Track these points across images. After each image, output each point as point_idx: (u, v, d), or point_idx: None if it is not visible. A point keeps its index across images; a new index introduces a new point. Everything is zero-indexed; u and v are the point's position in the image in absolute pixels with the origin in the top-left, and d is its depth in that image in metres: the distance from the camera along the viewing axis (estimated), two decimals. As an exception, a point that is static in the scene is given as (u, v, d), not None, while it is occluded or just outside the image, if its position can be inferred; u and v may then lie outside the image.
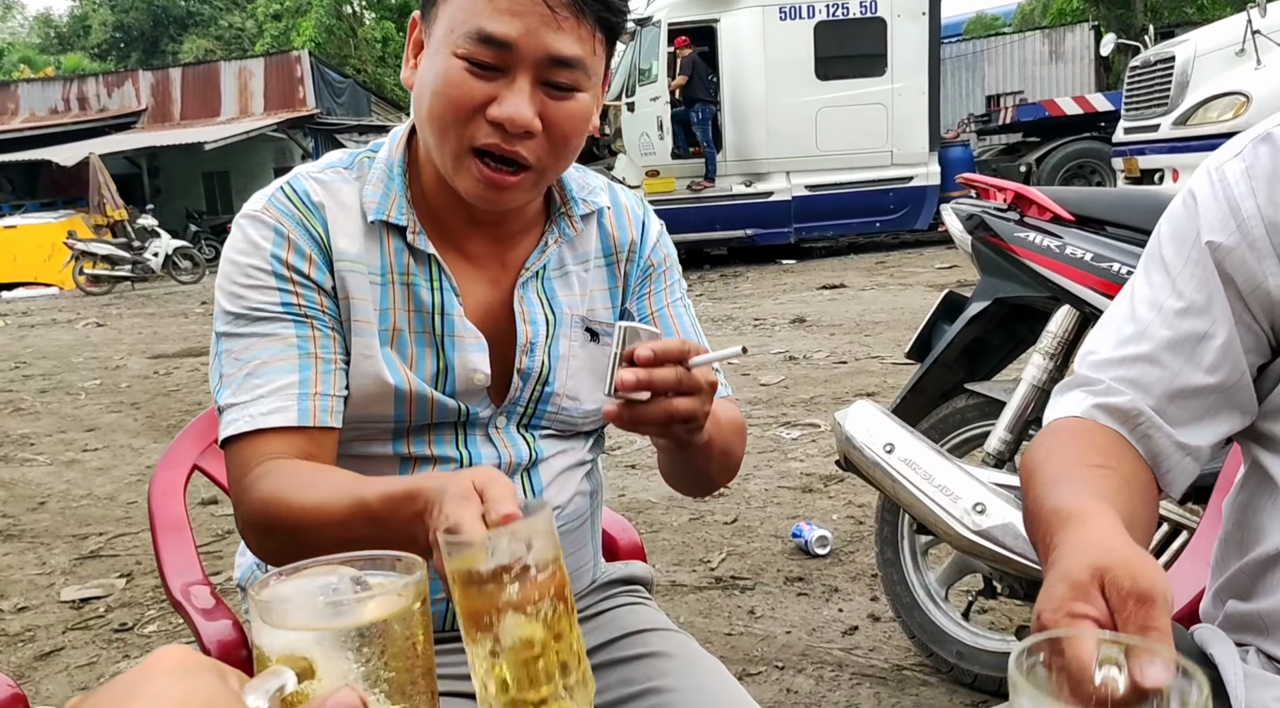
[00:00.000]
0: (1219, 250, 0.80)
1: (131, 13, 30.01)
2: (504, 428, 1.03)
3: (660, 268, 1.13)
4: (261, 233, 0.95)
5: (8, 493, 3.96)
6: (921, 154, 11.03)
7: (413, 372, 0.98)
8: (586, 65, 0.91)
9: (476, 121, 0.89)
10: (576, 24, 0.89)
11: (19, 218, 17.26)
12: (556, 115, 0.91)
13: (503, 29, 0.87)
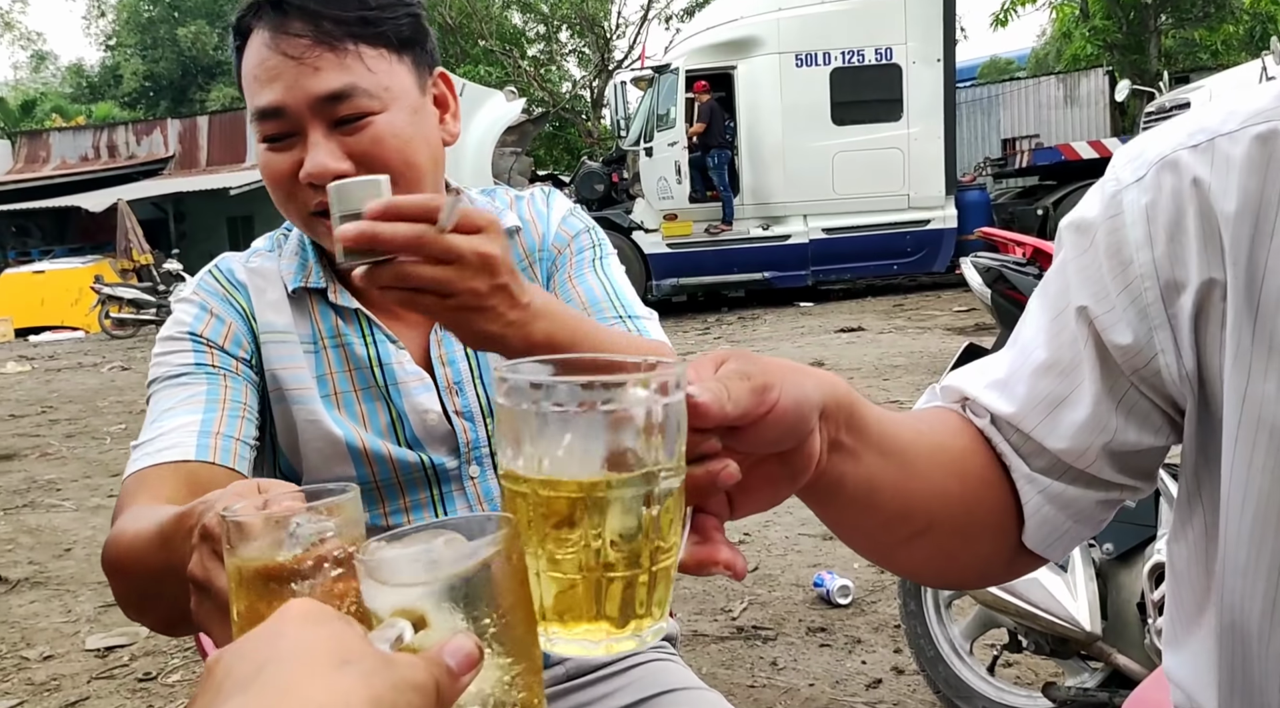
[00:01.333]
0: (1095, 319, 0.63)
1: (161, 62, 30.72)
2: (479, 478, 1.03)
3: (566, 246, 1.09)
4: (187, 310, 1.00)
5: (34, 540, 4.00)
6: (938, 197, 11.09)
7: (367, 430, 0.99)
8: (364, 87, 0.89)
9: (300, 191, 0.92)
10: (332, 54, 0.89)
11: (48, 263, 17.56)
12: (360, 148, 0.90)
13: (268, 98, 0.89)
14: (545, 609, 0.49)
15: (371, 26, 0.90)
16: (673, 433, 0.47)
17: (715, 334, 9.49)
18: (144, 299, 14.86)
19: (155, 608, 0.81)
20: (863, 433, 0.60)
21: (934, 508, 0.66)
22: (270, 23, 0.90)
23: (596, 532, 0.46)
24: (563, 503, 0.46)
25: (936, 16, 10.80)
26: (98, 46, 34.25)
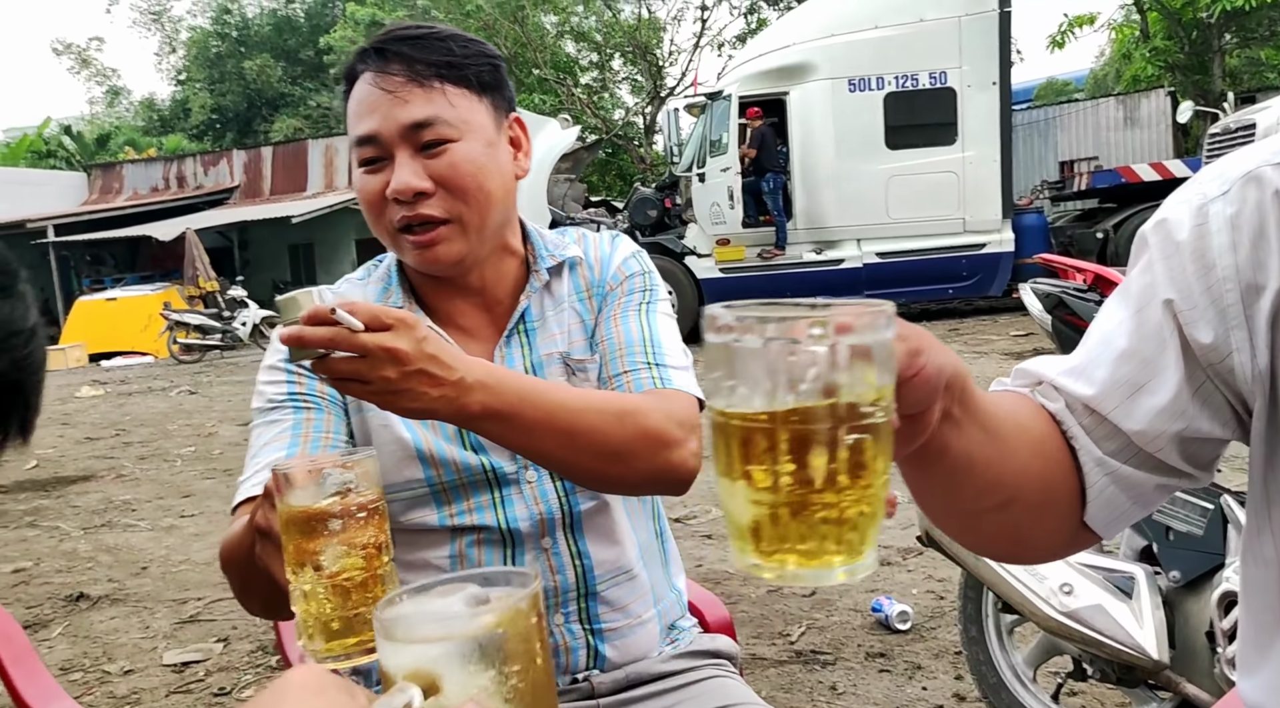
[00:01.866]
0: (1180, 314, 0.69)
1: (228, 95, 31.70)
2: (536, 482, 1.10)
3: (619, 285, 1.18)
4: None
5: (113, 558, 4.15)
6: (994, 221, 11.00)
7: (434, 435, 1.08)
8: (445, 118, 1.03)
9: (387, 207, 1.05)
10: (421, 90, 1.03)
11: (119, 290, 18.16)
12: (438, 170, 1.04)
13: (366, 127, 1.04)
14: (745, 537, 0.51)
15: (456, 69, 1.04)
16: (875, 370, 0.49)
17: (769, 359, 9.49)
18: (210, 325, 15.29)
19: (256, 590, 0.93)
20: (970, 407, 0.65)
21: (1017, 483, 0.71)
22: (374, 65, 1.05)
23: (795, 462, 0.48)
24: (763, 433, 0.48)
25: (992, 40, 10.76)
26: (169, 81, 35.45)
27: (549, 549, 1.10)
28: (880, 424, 0.50)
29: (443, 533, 1.09)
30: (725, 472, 0.51)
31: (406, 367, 0.82)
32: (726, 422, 0.50)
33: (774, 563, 0.50)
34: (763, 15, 21.81)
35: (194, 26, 34.05)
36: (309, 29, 32.27)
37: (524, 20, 25.28)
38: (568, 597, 1.11)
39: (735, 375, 0.49)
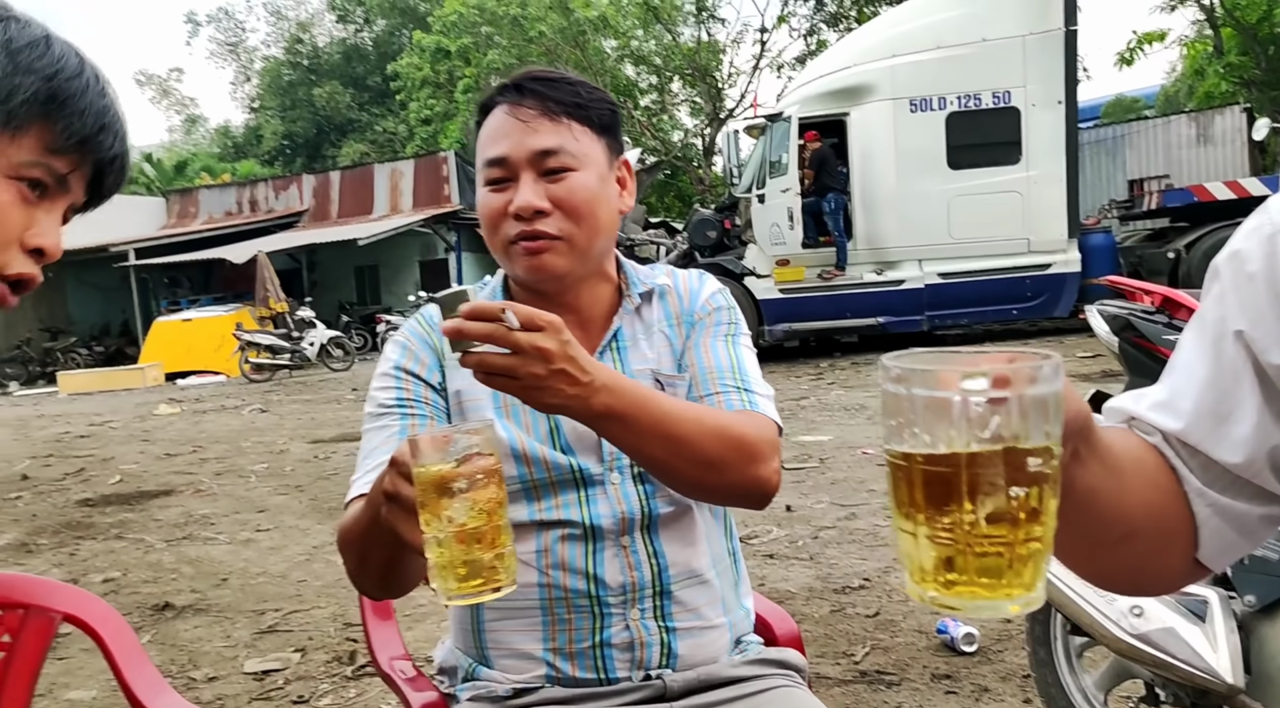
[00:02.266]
0: (1252, 343, 0.70)
1: (299, 122, 32.67)
2: (620, 484, 1.18)
3: (707, 316, 1.28)
4: (394, 348, 1.25)
5: (195, 570, 4.31)
6: (1060, 241, 10.84)
7: (529, 436, 1.18)
8: (568, 150, 1.15)
9: (506, 222, 1.16)
10: (551, 123, 1.15)
11: (194, 311, 18.78)
12: (558, 193, 1.15)
13: (496, 150, 1.16)
14: (926, 572, 0.55)
15: (582, 109, 1.17)
16: (1048, 418, 0.53)
17: (829, 379, 9.46)
18: (279, 345, 15.72)
19: (371, 566, 1.05)
20: (1093, 443, 0.69)
21: (1138, 516, 0.74)
22: (510, 99, 1.17)
23: (973, 503, 0.53)
24: (944, 477, 0.53)
25: (1057, 59, 10.64)
26: (243, 109, 36.69)
27: (627, 547, 1.18)
28: (1053, 469, 0.54)
29: (530, 527, 1.17)
30: (905, 510, 0.56)
31: (551, 365, 0.91)
32: (908, 464, 0.55)
33: (952, 596, 0.55)
34: (822, 37, 21.82)
35: (268, 56, 35.22)
36: (376, 57, 33.14)
37: (584, 45, 25.64)
38: (644, 593, 1.17)
39: (916, 422, 0.54)
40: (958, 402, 0.52)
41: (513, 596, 1.15)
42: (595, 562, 1.17)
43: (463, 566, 0.82)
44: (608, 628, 1.17)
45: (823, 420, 7.02)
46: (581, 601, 1.17)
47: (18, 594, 1.24)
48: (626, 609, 1.17)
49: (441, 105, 28.42)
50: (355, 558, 1.07)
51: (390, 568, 1.04)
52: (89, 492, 6.36)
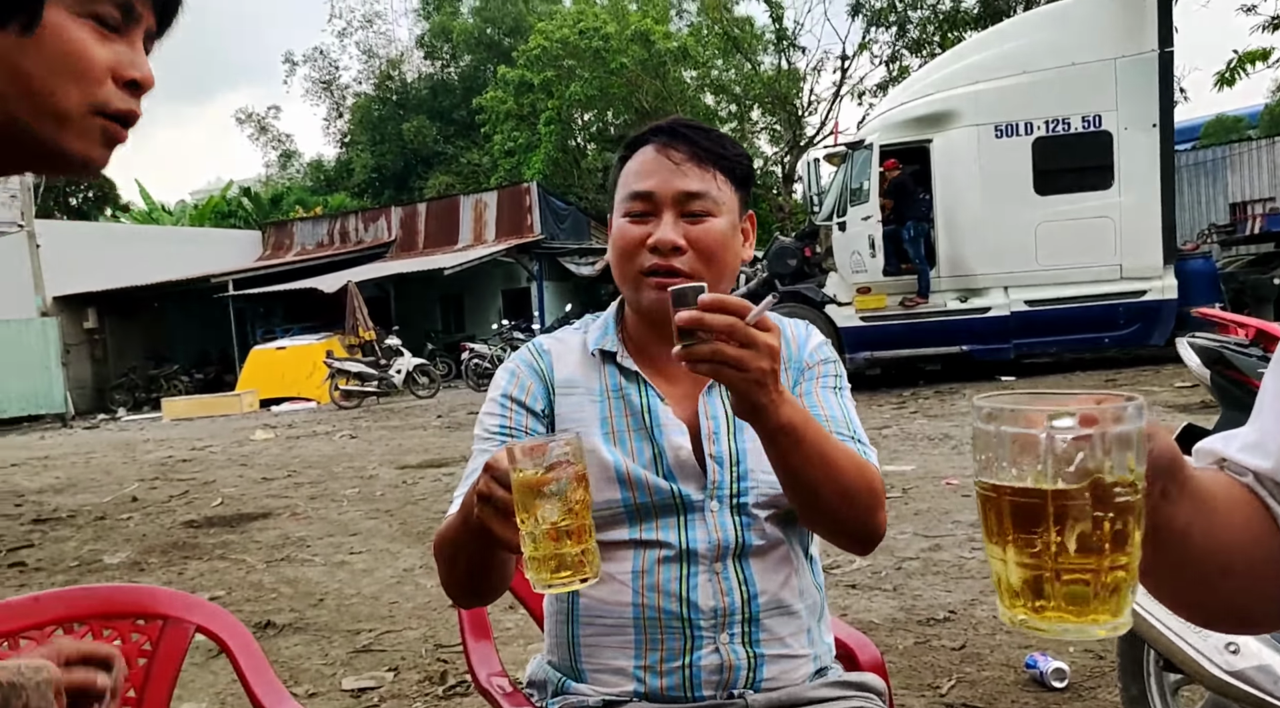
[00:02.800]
0: None
1: (387, 155, 33.70)
2: (718, 512, 1.24)
3: (816, 366, 1.35)
4: (503, 375, 1.34)
5: (293, 590, 4.48)
6: (1155, 267, 10.53)
7: (634, 461, 1.25)
8: (711, 196, 1.23)
9: (641, 253, 1.23)
10: (698, 168, 1.23)
11: (288, 340, 19.45)
12: (696, 234, 1.23)
13: (643, 185, 1.24)
14: (1015, 597, 0.60)
15: (726, 161, 1.26)
16: (1132, 454, 0.58)
17: (911, 408, 9.34)
18: (368, 372, 16.16)
19: (459, 572, 1.15)
20: (1183, 482, 0.72)
21: (1233, 554, 0.75)
22: (661, 140, 1.26)
23: (1061, 532, 0.58)
24: (1035, 508, 0.58)
25: (1151, 81, 10.39)
26: (335, 144, 38.00)
27: (720, 573, 1.23)
28: (1136, 501, 0.59)
29: (628, 546, 1.24)
30: (997, 539, 0.61)
31: (774, 364, 0.97)
32: (1000, 496, 0.60)
33: (1042, 620, 0.60)
34: (904, 63, 21.68)
35: (359, 93, 36.45)
36: (462, 91, 34.03)
37: (665, 76, 25.96)
38: (734, 618, 1.23)
39: (1007, 457, 0.59)
40: (1044, 438, 0.58)
41: (608, 613, 1.23)
42: (689, 586, 1.22)
43: (554, 559, 0.91)
44: (698, 650, 1.22)
45: (905, 450, 6.94)
46: (674, 622, 1.22)
47: (158, 606, 1.36)
48: (716, 633, 1.22)
49: (524, 137, 29.02)
50: (447, 562, 1.17)
51: (478, 573, 1.14)
52: (193, 514, 6.65)
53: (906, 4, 21.07)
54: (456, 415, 12.62)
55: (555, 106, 27.54)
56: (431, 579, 4.46)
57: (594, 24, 26.62)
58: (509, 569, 1.20)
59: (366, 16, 37.10)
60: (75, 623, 1.31)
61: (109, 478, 8.94)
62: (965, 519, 4.77)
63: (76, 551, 5.68)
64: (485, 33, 33.88)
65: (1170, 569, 0.78)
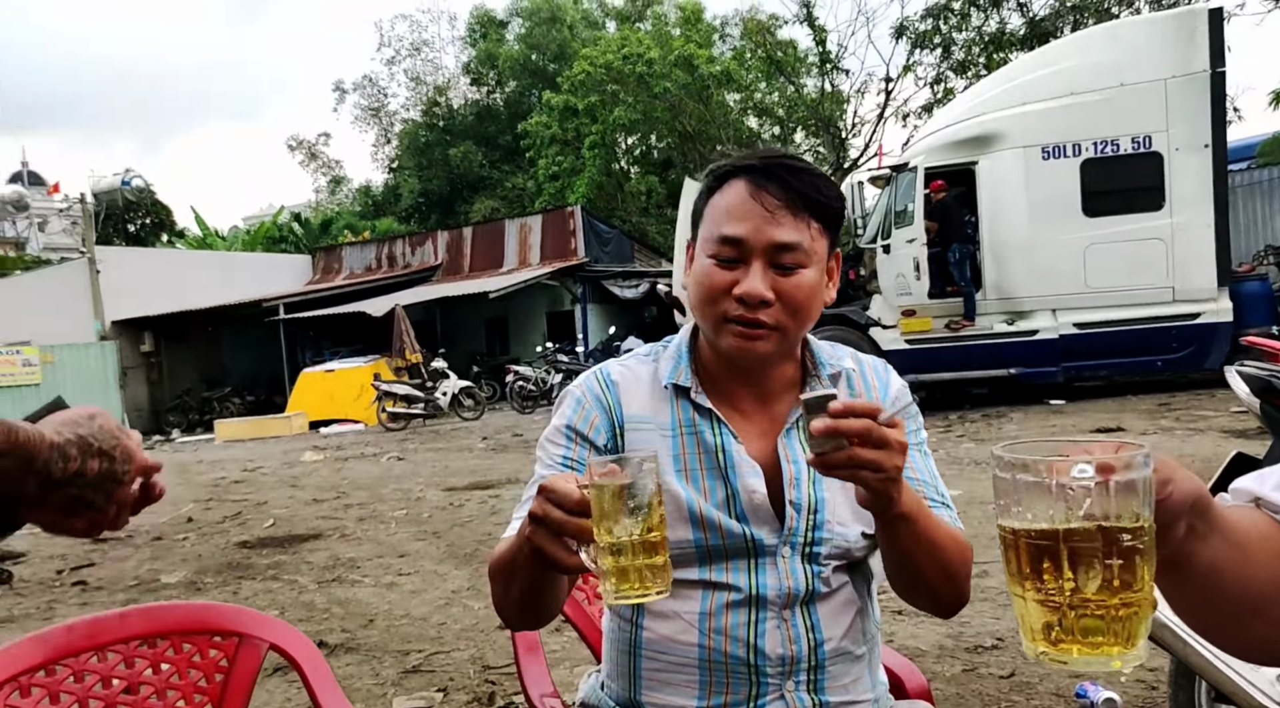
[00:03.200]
0: None
1: (434, 180, 34.24)
2: (789, 559, 1.23)
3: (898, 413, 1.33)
4: (568, 404, 1.32)
5: (344, 611, 4.58)
6: (1209, 290, 10.35)
7: (706, 501, 1.23)
8: (805, 247, 1.19)
9: (727, 300, 1.21)
10: (793, 218, 1.19)
11: (336, 363, 19.78)
12: (785, 287, 1.20)
13: (735, 230, 1.20)
14: (1035, 631, 0.66)
15: (820, 207, 1.21)
16: (1138, 499, 0.64)
17: (958, 432, 9.25)
18: (414, 395, 16.37)
19: (513, 591, 1.15)
20: (1212, 520, 0.75)
21: (1268, 590, 0.78)
22: (755, 180, 1.21)
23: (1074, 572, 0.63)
24: (1049, 550, 0.64)
25: (1202, 102, 10.26)
26: (382, 169, 38.70)
27: (788, 620, 1.22)
28: (1145, 543, 0.64)
29: (696, 586, 1.23)
30: (1017, 578, 0.67)
31: (904, 458, 0.98)
32: (1017, 539, 0.66)
33: (1060, 652, 0.65)
34: (949, 85, 21.59)
35: (407, 119, 37.11)
36: (507, 116, 34.51)
37: (708, 99, 26.11)
38: (800, 666, 1.22)
39: (1023, 503, 0.65)
40: (1055, 486, 0.63)
41: (672, 651, 1.24)
42: (757, 632, 1.21)
43: (634, 571, 0.95)
44: (764, 697, 1.21)
45: (952, 475, 6.89)
46: (740, 668, 1.21)
47: (234, 623, 1.43)
48: (783, 680, 1.22)
49: (569, 161, 29.33)
50: (501, 585, 1.17)
51: (531, 595, 1.15)
52: (246, 535, 6.80)
53: (951, 26, 21.00)
54: (502, 438, 12.74)
55: (599, 131, 27.83)
56: (479, 601, 4.52)
57: (638, 49, 26.89)
58: (562, 594, 1.21)
59: (414, 45, 37.79)
60: (158, 638, 1.39)
61: (165, 499, 9.13)
62: (1013, 546, 4.74)
63: (135, 570, 5.84)
64: (530, 59, 34.37)
65: (1204, 605, 0.80)
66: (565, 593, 1.23)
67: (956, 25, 20.95)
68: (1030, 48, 17.88)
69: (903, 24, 21.63)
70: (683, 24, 31.31)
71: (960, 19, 20.76)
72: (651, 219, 28.71)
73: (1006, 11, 20.84)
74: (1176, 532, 0.71)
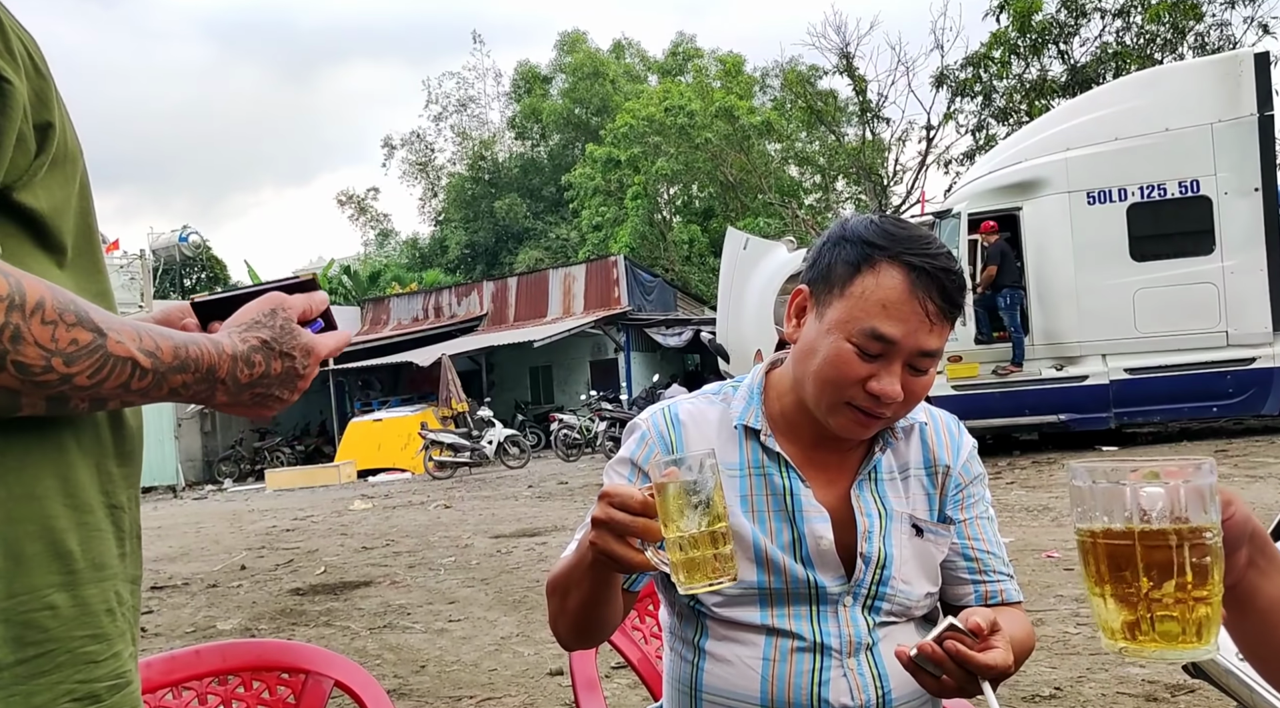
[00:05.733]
0: None
1: (480, 232, 34.89)
2: (850, 608, 1.25)
3: (970, 482, 1.36)
4: (635, 439, 1.33)
5: (396, 657, 4.61)
6: (1264, 334, 10.15)
7: (772, 542, 1.24)
8: (939, 351, 1.22)
9: (855, 388, 1.20)
10: (942, 326, 1.20)
11: (384, 412, 20.03)
12: (914, 386, 1.21)
13: (891, 330, 1.17)
14: (1113, 629, 0.73)
15: (958, 311, 1.22)
16: (1204, 504, 0.71)
17: (1008, 479, 9.11)
18: (461, 444, 16.50)
19: (569, 605, 1.19)
20: (1273, 558, 0.79)
21: None
22: (915, 278, 1.18)
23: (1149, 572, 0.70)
24: (1127, 551, 0.71)
25: (1251, 145, 10.16)
26: (429, 222, 39.50)
27: (854, 669, 1.23)
28: (1213, 544, 0.71)
29: (759, 632, 1.24)
30: (1095, 580, 0.74)
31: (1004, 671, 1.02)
32: (1095, 542, 0.73)
33: (1138, 646, 0.72)
34: (991, 132, 21.61)
35: (453, 173, 37.96)
36: (551, 168, 35.16)
37: (749, 149, 26.40)
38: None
39: (1101, 509, 0.73)
40: (1130, 492, 0.71)
41: (735, 696, 1.24)
42: (820, 681, 1.22)
43: (704, 562, 0.99)
44: None
45: (1003, 521, 6.78)
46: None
47: (301, 661, 1.48)
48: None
49: (612, 211, 29.72)
50: (559, 598, 1.21)
51: (587, 608, 1.17)
52: (298, 582, 6.88)
53: (991, 74, 21.08)
54: (547, 486, 12.78)
55: (641, 182, 28.21)
56: (529, 647, 4.54)
57: (679, 102, 27.33)
58: (617, 611, 1.23)
59: (461, 101, 38.83)
60: (230, 675, 1.44)
61: (218, 547, 9.31)
62: (1068, 593, 4.65)
63: (192, 617, 5.93)
64: (574, 113, 35.07)
65: (1268, 643, 0.82)
66: (619, 613, 1.25)
67: (997, 73, 21.01)
68: (1072, 95, 17.86)
69: (943, 73, 21.74)
70: (723, 76, 31.82)
71: (1000, 67, 20.82)
72: (694, 267, 28.90)
73: (1048, 59, 20.87)
74: (1239, 559, 0.75)
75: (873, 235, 1.21)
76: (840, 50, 23.61)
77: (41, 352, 0.69)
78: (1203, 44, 19.30)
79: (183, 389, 0.80)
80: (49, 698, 0.75)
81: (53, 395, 0.72)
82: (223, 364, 0.83)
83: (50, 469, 0.77)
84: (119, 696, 0.81)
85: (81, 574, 0.79)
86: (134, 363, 0.75)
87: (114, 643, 0.81)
